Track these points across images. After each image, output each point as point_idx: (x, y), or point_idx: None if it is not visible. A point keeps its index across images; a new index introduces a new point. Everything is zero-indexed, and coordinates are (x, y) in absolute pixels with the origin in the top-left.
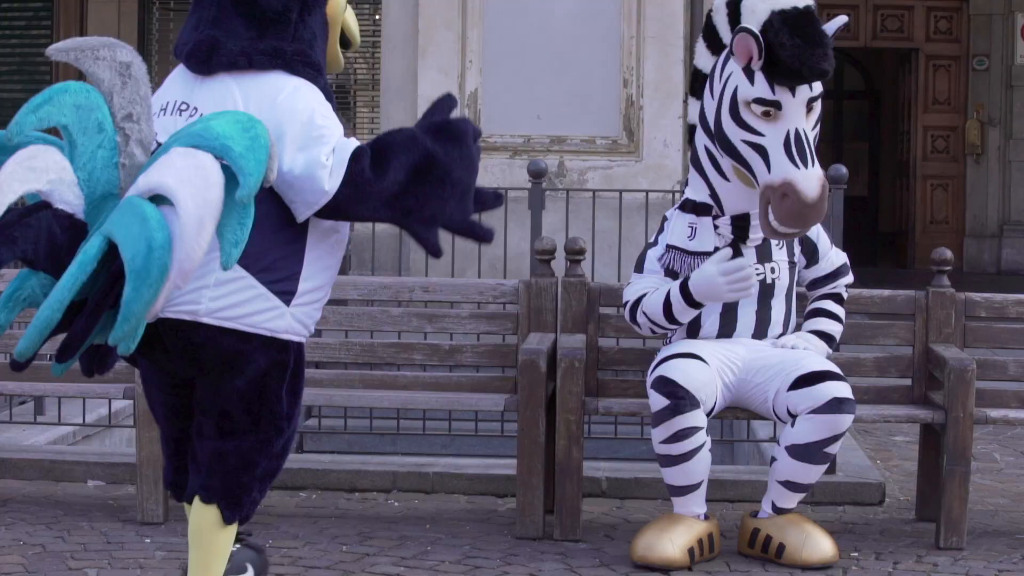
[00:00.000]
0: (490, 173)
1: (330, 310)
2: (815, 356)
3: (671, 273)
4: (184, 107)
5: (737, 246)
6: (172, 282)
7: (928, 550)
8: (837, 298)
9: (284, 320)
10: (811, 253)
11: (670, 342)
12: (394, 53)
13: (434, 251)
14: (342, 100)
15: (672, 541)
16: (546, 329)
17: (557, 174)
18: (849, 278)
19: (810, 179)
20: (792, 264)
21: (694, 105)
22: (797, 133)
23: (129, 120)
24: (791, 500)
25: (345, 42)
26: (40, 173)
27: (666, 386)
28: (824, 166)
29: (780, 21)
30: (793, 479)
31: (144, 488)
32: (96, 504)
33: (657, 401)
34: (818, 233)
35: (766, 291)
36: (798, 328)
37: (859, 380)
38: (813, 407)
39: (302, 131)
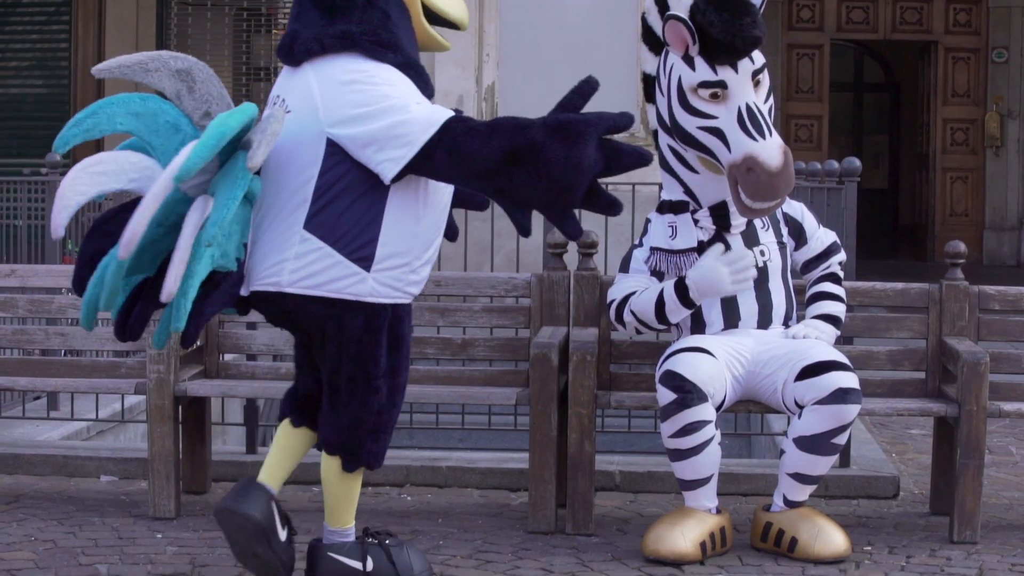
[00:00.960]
0: None
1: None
2: (822, 345)
3: (657, 274)
4: (277, 99)
5: (722, 236)
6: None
7: (941, 544)
8: (834, 278)
9: (366, 285)
10: (798, 233)
11: (680, 337)
12: None
13: (523, 231)
14: None
15: (684, 535)
16: (559, 323)
17: None
18: (841, 256)
19: (770, 148)
20: (781, 245)
21: (651, 111)
22: (748, 107)
23: (208, 117)
24: (802, 493)
25: (437, 19)
26: (114, 176)
27: (673, 380)
28: (841, 159)
29: (705, 1)
30: (802, 471)
31: (156, 483)
32: (108, 499)
33: (665, 395)
34: (802, 212)
35: (760, 275)
36: (801, 318)
37: (872, 373)
38: (818, 398)
39: (369, 100)
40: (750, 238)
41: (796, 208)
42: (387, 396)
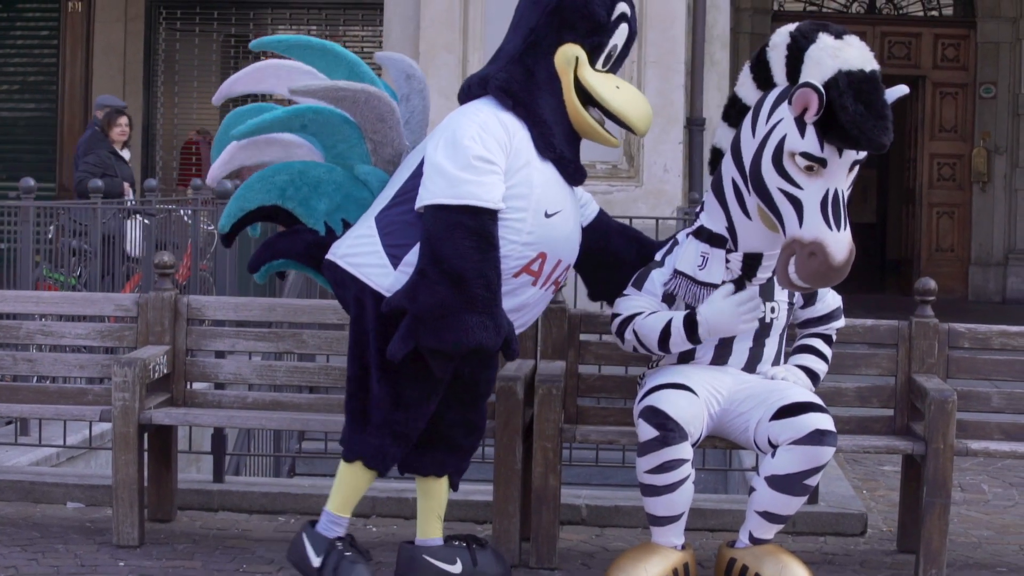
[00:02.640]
0: None
1: (311, 334)
2: (799, 388)
3: (669, 298)
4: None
5: (743, 282)
6: None
7: None
8: (827, 339)
9: (388, 279)
10: (810, 295)
11: (656, 366)
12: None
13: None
14: None
15: (647, 570)
16: (526, 356)
17: None
18: (841, 322)
19: (840, 243)
20: (791, 305)
21: (725, 131)
22: (836, 194)
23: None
24: (769, 531)
25: (591, 99)
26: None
27: (655, 417)
28: None
29: (846, 83)
30: (772, 510)
31: (120, 511)
32: (73, 526)
33: (646, 431)
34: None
35: (763, 329)
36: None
37: (841, 410)
38: (794, 438)
39: (441, 137)
40: (766, 292)
41: None
42: (395, 399)
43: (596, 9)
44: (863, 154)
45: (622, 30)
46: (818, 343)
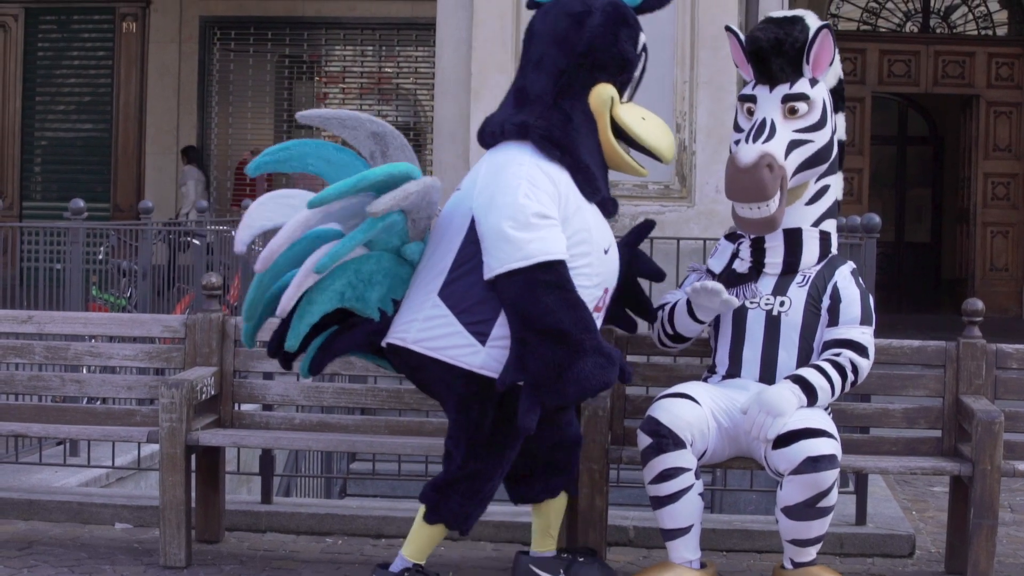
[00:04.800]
0: None
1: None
2: (799, 412)
3: None
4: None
5: (757, 272)
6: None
7: None
8: (836, 365)
9: (479, 357)
10: (834, 311)
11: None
12: (447, 96)
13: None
14: (415, 141)
15: None
16: None
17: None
18: (860, 360)
19: (749, 150)
20: (812, 309)
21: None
22: (763, 120)
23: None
24: (806, 554)
25: (624, 136)
26: (298, 209)
27: (649, 425)
28: (886, 212)
29: (762, 22)
30: (797, 537)
31: (167, 532)
32: (121, 547)
33: (642, 440)
34: (852, 298)
35: (772, 324)
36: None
37: (888, 431)
38: (790, 469)
39: (490, 198)
40: (780, 286)
41: (852, 292)
42: (488, 465)
43: (625, 47)
44: (799, 88)
45: (643, 59)
46: (825, 364)
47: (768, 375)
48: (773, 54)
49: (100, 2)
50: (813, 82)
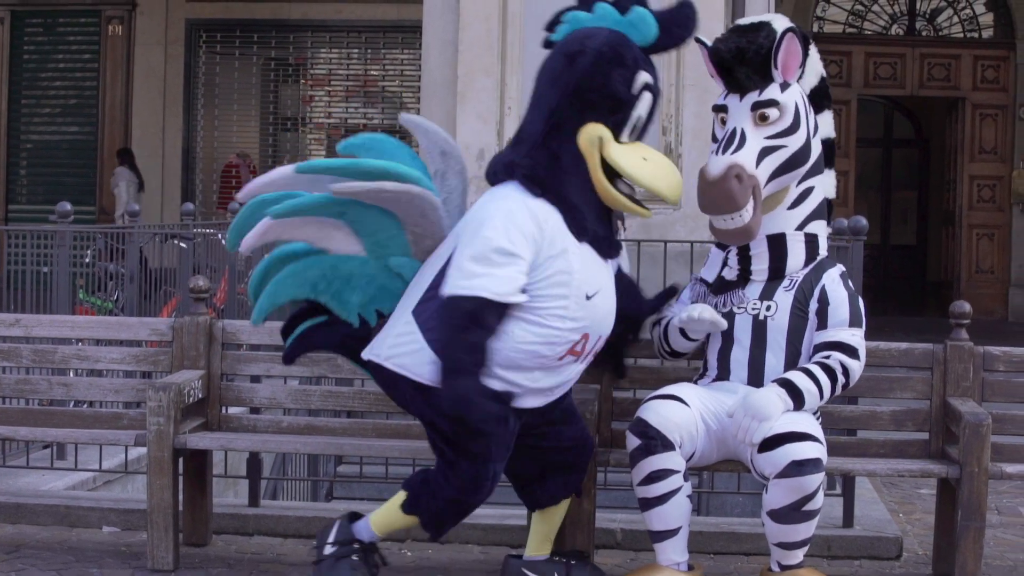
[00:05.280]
0: None
1: (345, 359)
2: (784, 416)
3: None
4: None
5: (744, 279)
6: None
7: None
8: (825, 367)
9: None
10: (823, 314)
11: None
12: (433, 99)
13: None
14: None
15: None
16: None
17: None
18: (850, 362)
19: (717, 162)
20: (798, 312)
21: None
22: (734, 131)
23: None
24: (793, 557)
25: (616, 175)
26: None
27: (638, 426)
28: (871, 215)
29: (727, 31)
30: (784, 539)
31: (155, 536)
32: (109, 550)
33: (630, 441)
34: (840, 300)
35: (758, 328)
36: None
37: (876, 434)
38: (775, 472)
39: (468, 229)
40: (767, 291)
41: (840, 295)
42: (468, 481)
43: (616, 87)
44: (768, 94)
45: (645, 100)
46: (813, 366)
47: (756, 378)
48: (736, 63)
49: (86, 5)
50: (784, 86)
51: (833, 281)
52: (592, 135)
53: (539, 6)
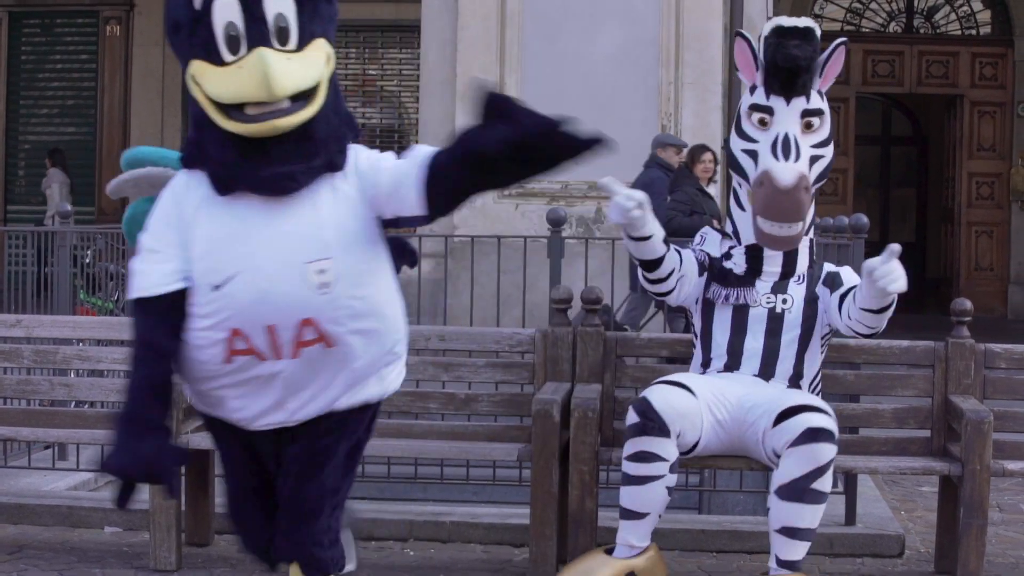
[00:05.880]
0: (527, 219)
1: None
2: (799, 393)
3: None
4: None
5: (752, 279)
6: None
7: None
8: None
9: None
10: (833, 283)
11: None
12: (432, 97)
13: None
14: (399, 144)
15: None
16: (563, 379)
17: (595, 220)
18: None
19: (785, 169)
20: (810, 304)
21: None
22: (786, 136)
23: None
24: (793, 550)
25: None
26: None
27: (640, 404)
28: (870, 212)
29: (772, 30)
30: (788, 523)
31: (157, 536)
32: (111, 551)
33: (630, 416)
34: (843, 269)
35: (774, 319)
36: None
37: (877, 431)
38: (790, 440)
39: None
40: (779, 287)
41: (842, 268)
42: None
43: (173, 12)
44: (815, 104)
45: (222, 4)
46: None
47: (768, 368)
48: (804, 70)
49: (84, 5)
50: (821, 95)
51: (831, 267)
52: (189, 76)
53: (537, 5)
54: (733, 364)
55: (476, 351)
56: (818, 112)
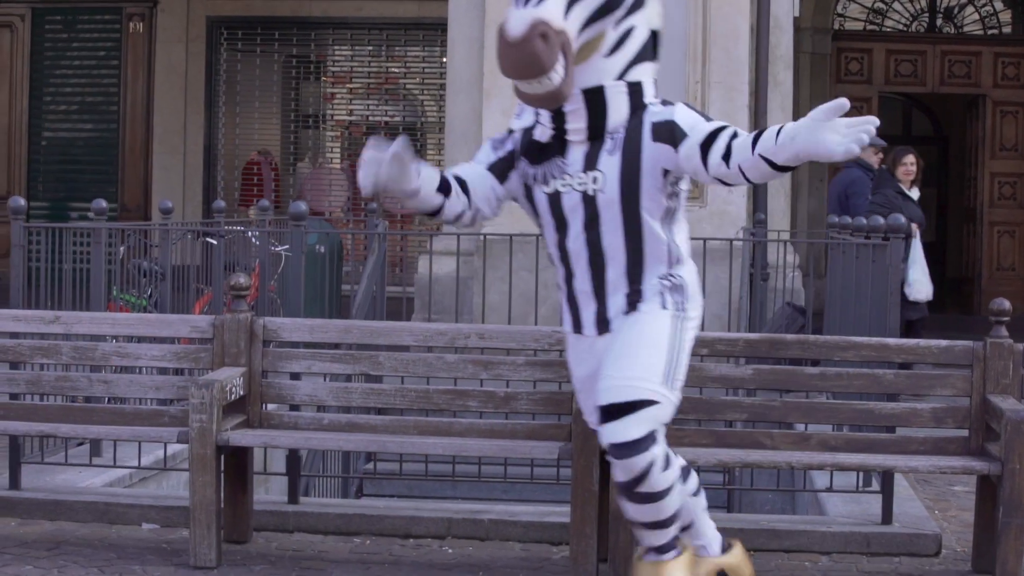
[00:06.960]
0: None
1: (386, 356)
2: (606, 381)
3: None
4: None
5: (561, 142)
6: None
7: None
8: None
9: None
10: (670, 133)
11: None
12: (459, 96)
13: None
14: (420, 142)
15: None
16: None
17: None
18: (739, 135)
19: (518, 18)
20: (630, 175)
21: None
22: None
23: None
24: (652, 536)
25: None
26: None
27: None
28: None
29: None
30: (634, 518)
31: (197, 532)
32: (149, 547)
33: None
34: (674, 111)
35: (589, 206)
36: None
37: (916, 431)
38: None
39: None
40: (590, 159)
41: (665, 111)
42: None
43: None
44: None
45: None
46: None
47: (598, 276)
48: None
49: (107, 2)
50: None
51: (656, 112)
52: None
53: None
54: (568, 275)
55: (515, 348)
56: None
